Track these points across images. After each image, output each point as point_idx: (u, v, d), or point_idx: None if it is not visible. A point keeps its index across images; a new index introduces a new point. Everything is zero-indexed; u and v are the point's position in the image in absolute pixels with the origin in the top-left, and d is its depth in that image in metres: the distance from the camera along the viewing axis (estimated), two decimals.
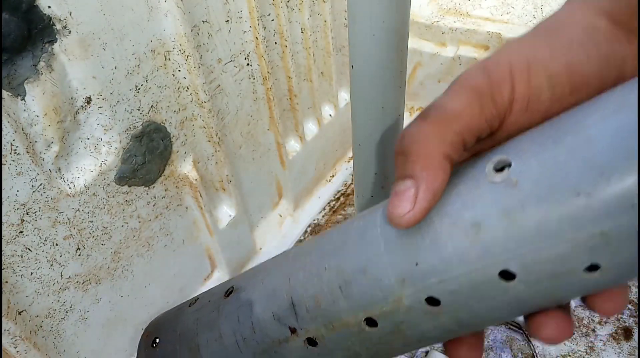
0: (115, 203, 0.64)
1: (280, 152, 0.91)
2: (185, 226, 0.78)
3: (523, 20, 1.03)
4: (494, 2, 1.08)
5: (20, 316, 0.58)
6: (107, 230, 0.65)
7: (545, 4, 1.04)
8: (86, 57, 0.54)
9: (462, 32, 1.07)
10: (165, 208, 0.73)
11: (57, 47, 0.52)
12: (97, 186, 0.61)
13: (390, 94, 0.51)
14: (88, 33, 0.54)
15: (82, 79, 0.55)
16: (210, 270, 0.88)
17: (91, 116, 0.58)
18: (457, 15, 1.09)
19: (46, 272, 0.59)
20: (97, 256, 0.65)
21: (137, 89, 0.61)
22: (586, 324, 0.80)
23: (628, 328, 0.79)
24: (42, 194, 0.55)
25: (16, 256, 0.55)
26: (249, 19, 0.73)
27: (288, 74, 0.85)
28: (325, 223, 1.01)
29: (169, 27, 0.62)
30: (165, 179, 0.71)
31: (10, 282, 0.56)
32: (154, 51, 0.62)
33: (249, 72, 0.78)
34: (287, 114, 0.90)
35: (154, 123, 0.65)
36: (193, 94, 0.68)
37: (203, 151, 0.75)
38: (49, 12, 0.50)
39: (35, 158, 0.53)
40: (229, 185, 0.81)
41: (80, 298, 0.65)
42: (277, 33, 0.80)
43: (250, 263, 0.93)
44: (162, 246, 0.75)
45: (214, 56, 0.71)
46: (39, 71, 0.51)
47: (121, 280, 0.70)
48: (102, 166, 0.61)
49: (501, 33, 1.02)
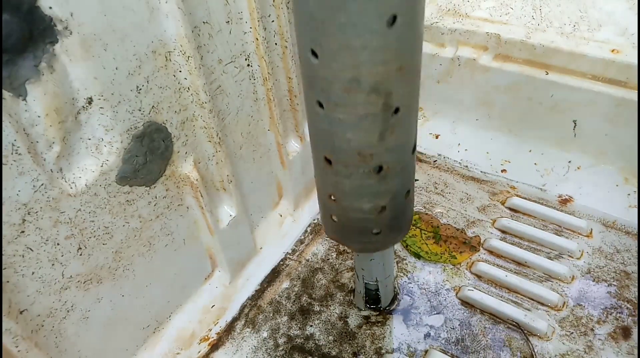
0: (116, 202, 0.65)
1: (281, 152, 0.91)
2: (186, 226, 0.79)
3: (522, 22, 1.03)
4: (492, 3, 1.09)
5: (21, 315, 0.58)
6: (109, 229, 0.65)
7: (544, 5, 1.04)
8: (87, 58, 0.55)
9: (461, 33, 1.07)
10: (166, 207, 0.73)
11: (59, 47, 0.52)
12: (99, 186, 0.61)
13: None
14: (89, 34, 0.54)
15: (84, 79, 0.55)
16: (211, 269, 0.89)
17: (92, 117, 0.58)
18: (456, 16, 1.09)
19: (47, 272, 0.60)
20: (99, 255, 0.65)
21: (138, 89, 0.62)
22: (585, 323, 0.80)
23: (627, 327, 0.79)
24: (43, 194, 0.56)
25: (18, 256, 0.56)
26: (249, 20, 0.74)
27: (288, 75, 0.85)
28: None
29: (169, 28, 0.62)
30: (166, 180, 0.71)
31: (11, 282, 0.56)
32: (155, 51, 0.62)
33: (250, 72, 0.79)
34: (287, 115, 0.91)
35: (155, 123, 0.66)
36: (194, 94, 0.69)
37: (204, 151, 0.75)
38: (50, 13, 0.50)
39: (36, 158, 0.53)
40: (230, 185, 0.81)
41: (81, 297, 0.65)
42: (277, 34, 0.80)
43: (250, 262, 0.93)
44: (163, 245, 0.76)
45: (214, 57, 0.71)
46: (40, 71, 0.51)
47: (122, 279, 0.70)
48: (104, 166, 0.61)
49: (500, 34, 1.02)
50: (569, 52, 0.96)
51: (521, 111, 1.06)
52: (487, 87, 1.08)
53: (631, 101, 0.92)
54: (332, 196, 0.58)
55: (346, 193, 0.56)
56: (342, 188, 0.56)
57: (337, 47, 0.43)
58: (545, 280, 0.87)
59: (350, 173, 0.53)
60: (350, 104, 0.47)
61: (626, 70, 0.92)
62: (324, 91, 0.47)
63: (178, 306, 0.84)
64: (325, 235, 0.99)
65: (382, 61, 0.44)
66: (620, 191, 0.99)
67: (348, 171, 0.53)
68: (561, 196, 1.01)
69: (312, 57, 0.45)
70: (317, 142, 0.55)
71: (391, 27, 0.42)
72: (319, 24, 0.42)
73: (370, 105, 0.47)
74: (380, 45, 0.43)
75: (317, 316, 0.85)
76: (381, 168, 0.53)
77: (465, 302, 0.85)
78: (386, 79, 0.45)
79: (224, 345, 0.82)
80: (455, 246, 0.94)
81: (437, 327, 0.82)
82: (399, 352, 0.79)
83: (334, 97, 0.47)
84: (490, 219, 0.98)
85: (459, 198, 1.03)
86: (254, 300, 0.88)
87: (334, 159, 0.53)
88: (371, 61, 0.43)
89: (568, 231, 0.95)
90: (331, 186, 0.57)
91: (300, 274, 0.92)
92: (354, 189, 0.55)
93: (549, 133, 1.05)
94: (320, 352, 0.80)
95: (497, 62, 1.05)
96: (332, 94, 0.47)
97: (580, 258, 0.90)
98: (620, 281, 0.86)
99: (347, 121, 0.48)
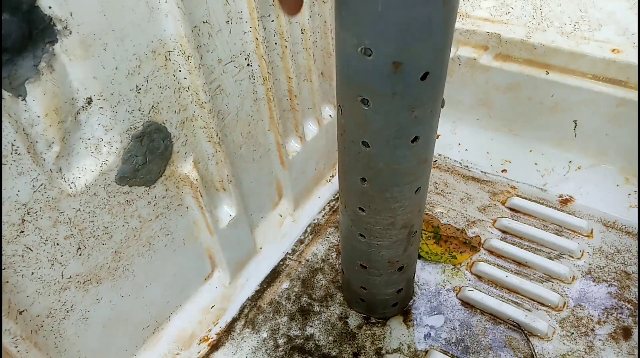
0: (116, 203, 0.65)
1: (280, 152, 0.91)
2: (186, 226, 0.78)
3: (522, 21, 1.03)
4: (493, 2, 1.08)
5: (21, 315, 0.58)
6: (108, 229, 0.65)
7: (544, 5, 1.04)
8: (87, 58, 0.55)
9: (461, 33, 1.07)
10: (165, 208, 0.73)
11: (58, 47, 0.52)
12: (98, 186, 0.61)
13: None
14: (89, 34, 0.54)
15: (83, 79, 0.55)
16: (210, 269, 0.88)
17: (92, 117, 0.58)
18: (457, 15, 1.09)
19: (47, 272, 0.59)
20: (98, 256, 0.65)
21: (137, 89, 0.62)
22: (585, 324, 0.80)
23: (627, 327, 0.79)
24: (43, 194, 0.55)
25: (17, 256, 0.56)
26: (249, 20, 0.73)
27: (288, 75, 0.85)
28: (325, 223, 1.01)
29: (169, 27, 0.62)
30: (166, 180, 0.71)
31: (11, 282, 0.56)
32: (154, 51, 0.62)
33: (249, 72, 0.78)
34: (287, 115, 0.91)
35: (154, 123, 0.65)
36: (193, 94, 0.68)
37: (203, 151, 0.75)
38: (49, 12, 0.50)
39: (36, 158, 0.53)
40: (230, 185, 0.81)
41: (81, 297, 0.65)
42: (277, 34, 0.80)
43: (250, 263, 0.93)
44: (163, 246, 0.75)
45: (214, 57, 0.71)
46: (40, 71, 0.51)
47: (122, 279, 0.70)
48: (103, 166, 0.61)
49: (500, 34, 1.02)
50: (570, 52, 0.96)
51: (521, 110, 1.06)
52: (487, 87, 1.08)
53: (632, 101, 0.92)
54: (364, 287, 0.78)
55: (376, 285, 0.76)
56: (373, 283, 0.76)
57: (381, 208, 0.63)
58: (545, 280, 0.87)
59: (381, 273, 0.74)
60: (387, 236, 0.67)
61: (627, 70, 0.92)
62: (368, 230, 0.67)
63: (178, 307, 0.84)
64: (325, 235, 0.99)
65: (409, 212, 0.64)
66: (621, 191, 0.99)
67: (379, 272, 0.74)
68: (562, 196, 1.01)
69: (359, 211, 0.65)
70: (356, 255, 0.73)
71: (417, 193, 0.62)
72: (369, 196, 0.62)
73: (400, 234, 0.67)
74: (409, 204, 0.63)
75: (317, 316, 0.85)
76: (402, 267, 0.74)
77: (465, 302, 0.85)
78: (410, 220, 0.66)
79: (223, 345, 0.82)
80: (456, 247, 0.94)
81: (438, 327, 0.82)
82: (399, 353, 0.79)
83: (375, 233, 0.67)
84: (490, 220, 0.98)
85: (460, 198, 1.03)
86: (254, 301, 0.88)
87: (369, 266, 0.73)
88: (403, 213, 0.63)
89: (568, 231, 0.95)
90: (363, 282, 0.77)
91: (300, 274, 0.92)
92: (382, 283, 0.76)
93: (550, 133, 1.05)
94: (320, 352, 0.79)
95: (497, 61, 1.05)
96: (374, 232, 0.67)
97: (580, 259, 0.90)
98: (620, 281, 0.85)
99: (383, 245, 0.68)
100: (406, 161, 0.56)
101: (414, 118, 0.52)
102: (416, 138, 0.54)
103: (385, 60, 0.46)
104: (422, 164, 0.58)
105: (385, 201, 0.61)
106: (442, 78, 0.51)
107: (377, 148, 0.55)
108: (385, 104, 0.50)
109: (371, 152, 0.56)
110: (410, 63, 0.46)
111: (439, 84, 0.51)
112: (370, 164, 0.57)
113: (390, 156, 0.55)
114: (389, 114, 0.51)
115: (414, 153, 0.56)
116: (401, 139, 0.53)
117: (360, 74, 0.49)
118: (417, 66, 0.47)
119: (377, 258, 0.71)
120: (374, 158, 0.56)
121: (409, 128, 0.53)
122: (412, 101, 0.50)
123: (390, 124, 0.52)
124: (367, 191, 0.61)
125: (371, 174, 0.59)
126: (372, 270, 0.73)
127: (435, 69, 0.49)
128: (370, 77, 0.49)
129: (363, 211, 0.64)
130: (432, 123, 0.55)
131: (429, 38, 0.45)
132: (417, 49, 0.45)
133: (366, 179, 0.60)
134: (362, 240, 0.69)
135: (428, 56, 0.47)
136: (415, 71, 0.47)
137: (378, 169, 0.57)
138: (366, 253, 0.71)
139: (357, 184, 0.61)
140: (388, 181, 0.59)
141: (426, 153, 0.58)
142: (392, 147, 0.54)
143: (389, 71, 0.47)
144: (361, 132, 0.55)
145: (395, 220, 0.64)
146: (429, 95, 0.51)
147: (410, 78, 0.48)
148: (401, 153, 0.55)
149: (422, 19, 0.43)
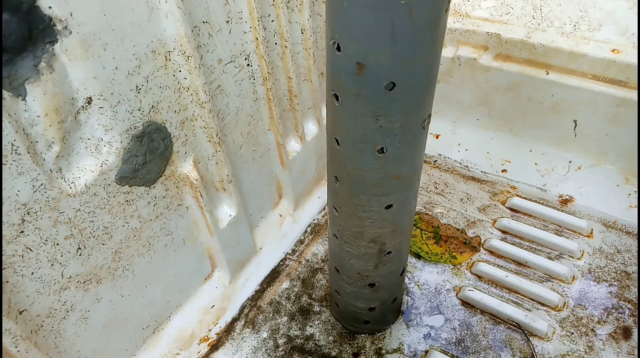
0: (116, 203, 0.65)
1: (280, 152, 0.91)
2: (186, 226, 0.78)
3: (522, 21, 1.03)
4: (493, 2, 1.09)
5: (21, 315, 0.58)
6: (108, 229, 0.65)
7: (545, 5, 1.04)
8: (87, 58, 0.55)
9: (461, 33, 1.07)
10: (165, 208, 0.73)
11: (58, 47, 0.52)
12: (98, 186, 0.61)
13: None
14: (89, 34, 0.54)
15: (83, 79, 0.55)
16: (210, 269, 0.88)
17: (92, 117, 0.58)
18: (457, 15, 1.09)
19: (47, 272, 0.59)
20: (98, 256, 0.65)
21: (137, 89, 0.62)
22: (585, 324, 0.80)
23: (627, 327, 0.79)
24: (43, 194, 0.55)
25: (17, 256, 0.56)
26: (249, 20, 0.73)
27: (288, 75, 0.85)
28: (325, 223, 1.01)
29: (169, 27, 0.62)
30: (166, 180, 0.71)
31: (11, 282, 0.56)
32: (154, 51, 0.62)
33: (249, 72, 0.78)
34: (287, 115, 0.91)
35: (154, 123, 0.65)
36: (193, 94, 0.68)
37: (203, 151, 0.75)
38: (49, 12, 0.50)
39: (36, 158, 0.53)
40: (229, 185, 0.81)
41: (81, 297, 0.65)
42: (277, 34, 0.80)
43: (250, 263, 0.93)
44: (163, 246, 0.75)
45: (214, 57, 0.71)
46: (40, 71, 0.51)
47: (122, 279, 0.70)
48: (103, 166, 0.61)
49: (500, 34, 1.02)
50: (570, 52, 0.96)
51: (521, 110, 1.06)
52: (487, 87, 1.08)
53: (631, 101, 0.92)
54: (338, 292, 0.79)
55: (347, 294, 0.77)
56: (345, 290, 0.77)
57: (350, 213, 0.63)
58: (545, 280, 0.87)
59: (351, 282, 0.74)
60: (355, 245, 0.68)
61: (626, 70, 0.92)
62: (339, 232, 0.68)
63: (178, 307, 0.84)
64: (325, 235, 0.99)
65: (379, 227, 0.64)
66: (621, 191, 0.99)
67: (349, 280, 0.74)
68: (562, 196, 1.01)
69: (333, 210, 0.67)
70: (332, 256, 0.76)
71: (388, 209, 0.62)
72: (340, 197, 0.63)
73: (369, 248, 0.67)
74: (378, 219, 0.63)
75: (317, 316, 0.85)
76: (374, 284, 0.74)
77: (465, 302, 0.85)
78: (380, 236, 0.66)
79: (223, 345, 0.81)
80: (456, 247, 0.94)
81: (438, 327, 0.82)
82: (399, 353, 0.79)
83: (345, 238, 0.68)
84: (490, 220, 0.98)
85: (460, 198, 1.03)
86: (254, 301, 0.88)
87: (341, 271, 0.75)
88: (372, 226, 0.64)
89: (568, 231, 0.95)
90: (337, 286, 0.78)
91: (300, 274, 0.92)
92: (352, 293, 0.76)
93: (550, 133, 1.05)
94: (320, 352, 0.79)
95: (497, 61, 1.05)
96: (344, 236, 0.68)
97: (580, 259, 0.90)
98: (620, 281, 0.85)
99: (352, 253, 0.69)
100: (373, 171, 0.56)
101: (379, 127, 0.51)
102: (383, 149, 0.54)
103: (350, 59, 0.47)
104: (392, 179, 0.58)
105: (354, 207, 0.62)
106: (414, 94, 0.50)
107: (345, 148, 0.56)
108: (351, 105, 0.51)
109: (341, 151, 0.57)
110: (373, 67, 0.47)
111: (408, 99, 0.50)
112: (341, 163, 0.58)
113: (357, 160, 0.56)
114: (355, 117, 0.52)
115: (381, 164, 0.55)
116: (366, 145, 0.54)
117: (334, 67, 0.50)
118: (380, 73, 0.47)
119: (347, 264, 0.72)
120: (344, 158, 0.57)
121: (373, 136, 0.53)
122: (376, 108, 0.50)
123: (356, 127, 0.53)
124: (339, 191, 0.62)
125: (342, 175, 0.59)
126: (344, 276, 0.74)
127: (403, 82, 0.48)
128: (340, 74, 0.50)
129: (336, 212, 0.66)
130: (406, 138, 0.54)
131: (393, 45, 0.45)
132: (380, 54, 0.45)
133: (338, 178, 0.61)
134: (335, 241, 0.71)
135: (392, 65, 0.46)
136: (378, 77, 0.47)
137: (347, 171, 0.58)
138: (338, 255, 0.72)
139: (333, 182, 0.63)
140: (355, 186, 0.59)
141: (398, 169, 0.57)
142: (358, 152, 0.55)
143: (354, 70, 0.47)
144: (334, 128, 0.56)
145: (364, 231, 0.64)
146: (397, 108, 0.50)
147: (374, 84, 0.48)
148: (367, 160, 0.55)
149: (383, 22, 0.43)
